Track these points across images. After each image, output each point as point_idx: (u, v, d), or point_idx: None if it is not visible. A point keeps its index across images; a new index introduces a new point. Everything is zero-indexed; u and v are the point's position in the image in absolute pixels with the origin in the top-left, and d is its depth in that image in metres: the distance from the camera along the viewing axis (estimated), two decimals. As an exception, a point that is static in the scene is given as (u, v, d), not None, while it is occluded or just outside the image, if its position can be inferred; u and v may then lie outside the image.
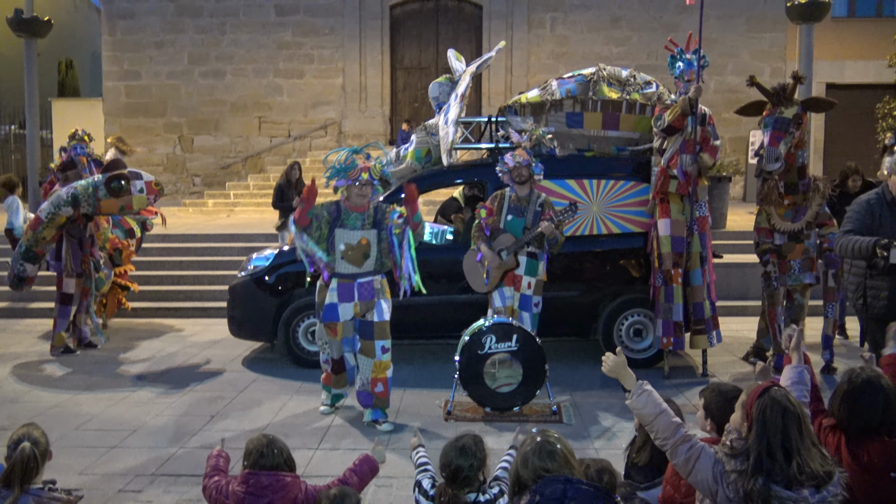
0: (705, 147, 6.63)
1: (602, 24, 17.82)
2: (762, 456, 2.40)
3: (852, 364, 7.08)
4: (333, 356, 5.72)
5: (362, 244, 5.45)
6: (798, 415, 2.43)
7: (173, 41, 18.05)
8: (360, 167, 5.36)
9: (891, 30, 14.08)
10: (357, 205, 5.47)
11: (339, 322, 5.55)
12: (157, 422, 5.71)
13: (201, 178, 18.31)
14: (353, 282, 5.48)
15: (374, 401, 5.60)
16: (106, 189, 7.24)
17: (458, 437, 3.03)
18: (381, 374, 5.57)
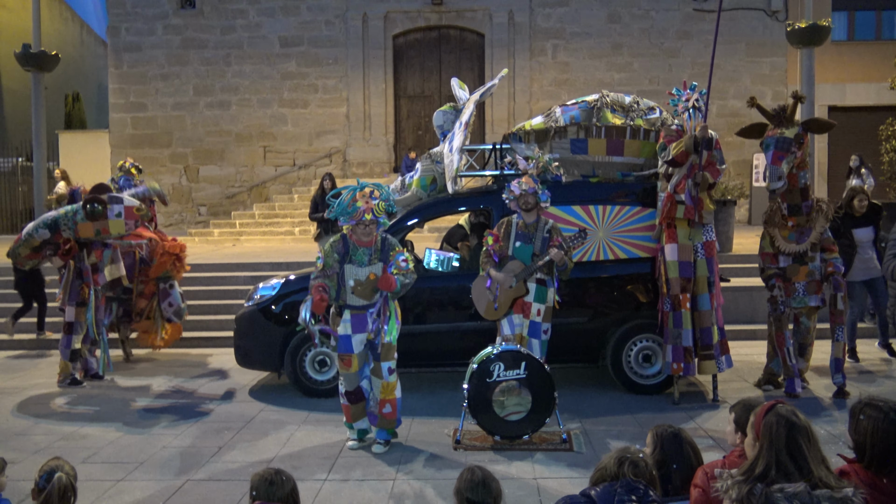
0: (708, 168, 6.64)
1: (603, 50, 17.97)
2: (770, 467, 2.39)
3: (865, 387, 7.05)
4: (349, 388, 5.68)
5: (370, 279, 5.48)
6: (805, 428, 2.43)
7: (179, 73, 18.25)
8: (362, 209, 5.34)
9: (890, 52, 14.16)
10: (362, 242, 5.50)
11: (353, 354, 5.55)
12: (164, 454, 5.66)
13: (207, 207, 18.40)
14: (365, 312, 5.52)
15: (380, 421, 5.65)
16: (83, 212, 7.28)
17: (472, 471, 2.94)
18: (390, 396, 5.60)
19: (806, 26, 11.43)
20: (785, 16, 17.31)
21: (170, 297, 7.97)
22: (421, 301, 7.18)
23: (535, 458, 5.41)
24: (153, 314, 8.28)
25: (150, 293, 8.19)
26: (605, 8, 17.88)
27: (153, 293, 8.23)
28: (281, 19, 18.12)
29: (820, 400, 6.74)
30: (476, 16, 18.15)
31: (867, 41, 18.79)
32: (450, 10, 18.06)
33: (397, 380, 5.66)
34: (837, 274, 6.74)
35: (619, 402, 6.82)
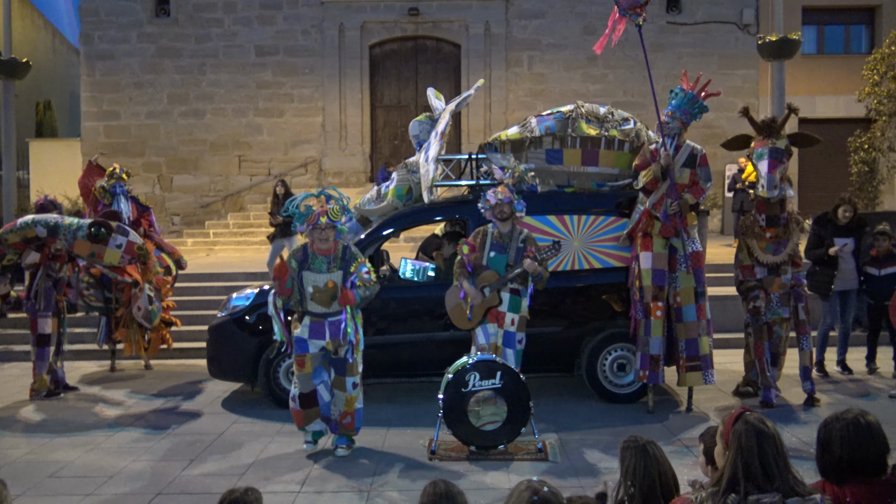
0: (691, 188, 6.71)
1: (578, 62, 18.11)
2: (738, 476, 2.39)
3: (834, 396, 7.13)
4: (303, 390, 5.69)
5: (329, 287, 5.56)
6: (774, 437, 2.44)
7: (153, 81, 18.09)
8: (316, 212, 5.45)
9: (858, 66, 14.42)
10: (321, 248, 5.55)
11: (307, 353, 5.62)
12: (135, 467, 5.57)
13: (180, 217, 18.22)
14: (323, 321, 5.60)
15: (340, 429, 5.77)
16: (87, 230, 7.18)
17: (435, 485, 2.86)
18: (352, 408, 5.73)
19: (777, 40, 11.63)
20: (756, 29, 17.58)
21: (138, 301, 7.84)
22: (396, 311, 7.16)
23: (511, 467, 5.40)
24: (131, 322, 8.18)
25: (128, 300, 8.08)
26: (580, 20, 18.03)
27: (129, 300, 8.12)
28: (257, 28, 18.05)
29: (792, 408, 6.81)
30: (452, 27, 18.22)
31: (836, 55, 19.15)
32: (426, 21, 18.10)
33: (360, 393, 5.76)
34: (799, 286, 6.86)
35: (595, 411, 6.84)
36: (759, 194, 6.71)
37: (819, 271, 7.79)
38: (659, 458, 2.92)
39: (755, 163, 6.73)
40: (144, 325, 8.07)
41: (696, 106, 6.58)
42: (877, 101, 13.13)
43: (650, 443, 2.97)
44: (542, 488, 2.32)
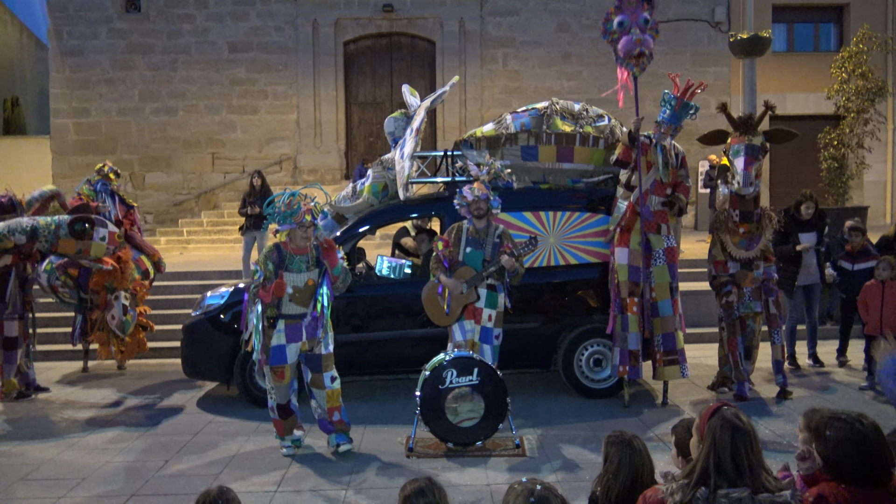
0: (680, 188, 6.82)
1: (553, 59, 18.17)
2: (709, 469, 2.41)
3: (806, 389, 7.24)
4: (280, 401, 5.64)
5: (309, 285, 5.52)
6: (748, 433, 2.45)
7: (123, 78, 17.83)
8: (303, 210, 5.41)
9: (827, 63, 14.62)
10: (300, 247, 5.50)
11: (286, 364, 5.53)
12: (108, 468, 5.49)
13: (153, 215, 17.98)
14: (300, 322, 5.52)
15: (336, 427, 5.69)
16: (69, 229, 7.07)
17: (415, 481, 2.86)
18: (336, 403, 5.65)
19: (748, 37, 11.73)
20: (728, 27, 17.76)
21: (112, 310, 7.73)
22: (373, 308, 7.14)
23: (489, 464, 5.41)
24: (105, 326, 8.03)
25: (104, 304, 7.94)
26: (554, 17, 18.09)
27: (105, 304, 7.97)
28: (229, 25, 17.87)
29: (765, 401, 6.90)
30: (427, 23, 18.18)
31: (806, 52, 19.41)
32: (401, 18, 18.04)
33: (340, 386, 5.70)
34: (770, 281, 6.96)
35: (571, 406, 6.87)
36: (735, 191, 6.79)
37: (783, 268, 7.91)
38: (643, 452, 2.96)
39: (732, 159, 6.81)
40: (117, 334, 7.91)
41: (689, 110, 6.66)
42: (845, 98, 13.32)
43: (635, 437, 3.01)
44: (536, 487, 2.33)
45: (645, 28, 6.49)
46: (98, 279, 7.76)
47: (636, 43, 6.41)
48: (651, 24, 6.54)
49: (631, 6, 6.53)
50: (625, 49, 6.50)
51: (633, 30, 6.45)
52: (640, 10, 6.50)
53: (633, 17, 6.49)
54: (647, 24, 6.50)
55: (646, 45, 6.45)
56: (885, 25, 18.17)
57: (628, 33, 6.47)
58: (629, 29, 6.47)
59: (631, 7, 6.53)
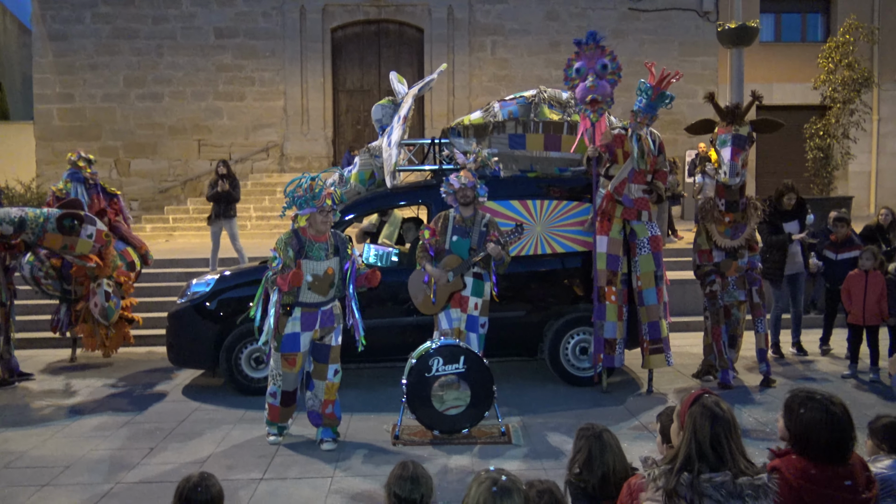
0: (658, 176, 6.83)
1: (541, 47, 18.14)
2: (691, 456, 2.46)
3: (789, 377, 7.31)
4: (287, 388, 5.58)
5: (328, 274, 5.43)
6: (728, 420, 2.50)
7: (108, 63, 17.64)
8: (325, 194, 5.30)
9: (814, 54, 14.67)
10: (320, 233, 5.39)
11: (299, 353, 5.47)
12: (92, 456, 5.47)
13: (139, 202, 17.85)
14: (317, 311, 5.45)
15: (324, 420, 5.62)
16: (57, 224, 7.01)
17: (403, 466, 2.90)
18: (333, 396, 5.60)
19: (736, 27, 11.74)
20: (716, 17, 17.78)
21: (95, 297, 7.65)
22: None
23: (474, 451, 5.43)
24: (90, 317, 7.92)
25: (87, 294, 7.83)
26: (543, 6, 18.04)
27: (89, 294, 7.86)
28: (216, 10, 17.69)
29: (749, 389, 6.95)
30: (415, 10, 18.08)
31: (793, 43, 19.48)
32: (389, 5, 17.94)
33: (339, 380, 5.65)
34: (754, 270, 7.00)
35: (557, 394, 6.90)
36: (722, 181, 6.82)
37: (769, 257, 7.96)
38: (613, 446, 3.00)
39: (718, 149, 6.84)
40: (101, 322, 7.82)
41: (665, 100, 6.66)
42: (831, 88, 13.38)
43: (605, 430, 3.05)
44: (501, 477, 2.33)
45: (603, 74, 6.62)
46: (79, 267, 7.67)
47: (590, 90, 6.58)
48: (611, 69, 6.66)
49: (589, 52, 6.69)
50: (580, 95, 6.69)
51: (589, 76, 6.61)
52: (600, 56, 6.66)
53: (590, 64, 6.66)
54: (605, 69, 6.63)
55: (600, 91, 6.59)
56: (871, 16, 18.25)
57: (585, 80, 6.63)
58: (586, 76, 6.64)
59: (589, 54, 6.69)
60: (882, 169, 19.43)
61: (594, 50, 6.68)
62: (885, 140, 19.49)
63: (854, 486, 2.68)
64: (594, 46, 6.67)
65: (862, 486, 2.71)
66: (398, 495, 2.76)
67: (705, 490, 2.41)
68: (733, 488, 2.41)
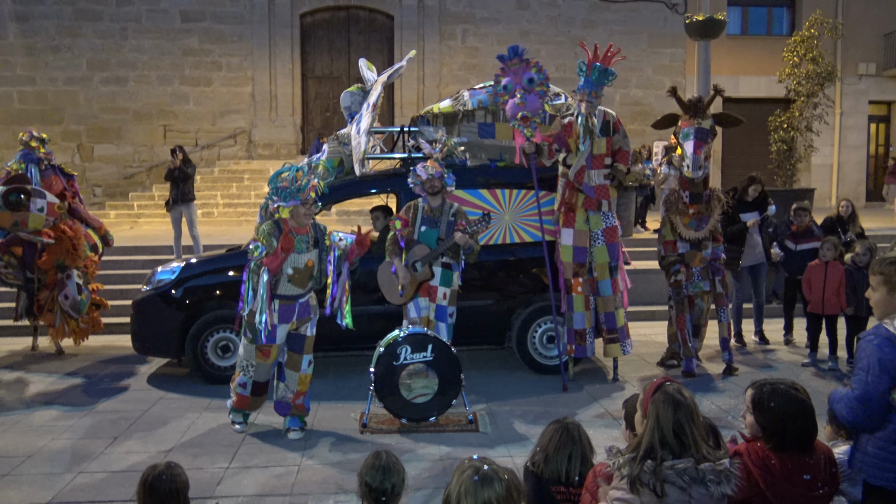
0: (618, 157, 6.78)
1: (512, 37, 18.11)
2: (654, 443, 2.50)
3: (751, 366, 7.45)
4: (259, 379, 5.53)
5: (308, 266, 5.38)
6: (690, 407, 2.54)
7: (70, 46, 17.26)
8: (310, 186, 5.23)
9: (780, 47, 14.88)
10: (302, 225, 5.33)
11: (275, 345, 5.43)
12: (54, 446, 5.39)
13: (102, 188, 17.55)
14: (294, 303, 5.40)
15: (292, 410, 5.60)
16: (3, 201, 6.84)
17: (377, 456, 2.91)
18: (305, 388, 5.59)
19: (703, 20, 11.86)
20: (684, 9, 17.93)
21: (66, 289, 7.47)
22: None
23: (442, 439, 5.45)
24: (55, 307, 7.74)
25: (52, 283, 7.65)
26: (513, -6, 18.06)
27: (55, 284, 7.69)
28: (182, -7, 17.41)
29: (712, 377, 7.08)
30: (386, -3, 17.97)
31: (759, 36, 19.75)
32: (359, -9, 17.81)
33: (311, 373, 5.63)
34: (717, 261, 7.11)
35: (524, 383, 6.96)
36: (685, 174, 6.89)
37: (727, 248, 8.09)
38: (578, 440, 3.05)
39: (681, 142, 6.90)
40: (71, 315, 7.64)
41: (608, 76, 6.58)
42: (796, 82, 13.59)
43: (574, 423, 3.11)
44: (483, 466, 2.36)
45: (531, 88, 6.54)
46: (48, 258, 7.49)
47: (519, 106, 6.51)
48: (539, 81, 6.57)
49: (514, 68, 6.61)
50: (511, 113, 6.63)
51: (517, 92, 6.54)
52: (526, 70, 6.57)
53: (516, 80, 6.59)
54: (531, 83, 6.54)
55: (529, 106, 6.52)
56: (835, 11, 18.56)
57: (514, 96, 6.57)
58: (514, 92, 6.57)
59: (514, 69, 6.62)
60: (843, 162, 19.83)
61: (519, 65, 6.58)
62: (846, 133, 19.89)
63: (812, 481, 2.72)
64: (518, 61, 6.57)
65: (822, 481, 2.74)
66: (369, 485, 2.78)
67: (668, 477, 2.45)
68: (696, 474, 2.45)
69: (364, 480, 2.79)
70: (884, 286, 3.05)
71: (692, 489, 2.45)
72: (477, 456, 2.46)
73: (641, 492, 2.46)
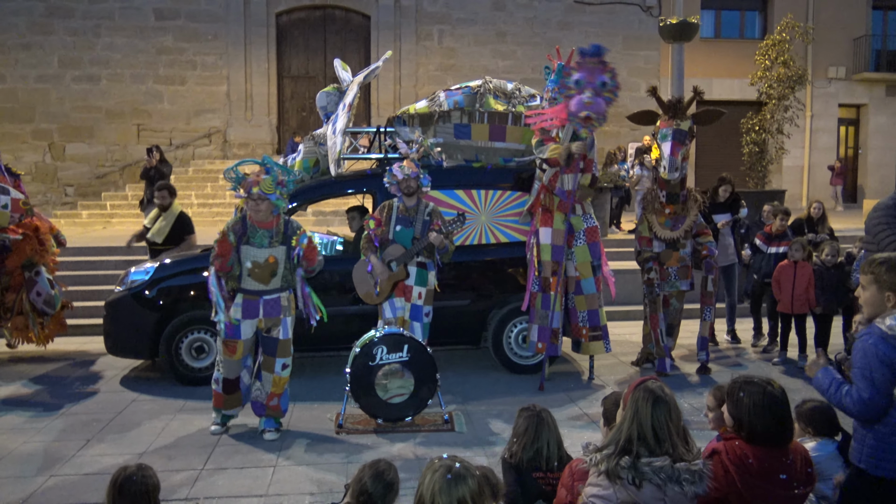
0: (588, 167, 6.78)
1: (488, 37, 18.21)
2: (632, 439, 2.54)
3: (724, 365, 7.54)
4: (228, 376, 5.52)
5: (269, 262, 5.34)
6: (669, 404, 2.58)
7: (42, 43, 17.03)
8: (250, 180, 5.23)
9: (752, 51, 15.10)
10: (259, 220, 5.32)
11: (239, 340, 5.40)
12: (26, 449, 5.32)
13: (74, 188, 17.34)
14: (258, 299, 5.38)
15: (267, 411, 5.58)
16: None
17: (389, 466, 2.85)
18: (279, 390, 5.55)
19: (677, 23, 12.00)
20: (659, 12, 18.13)
21: (37, 286, 7.35)
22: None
23: (418, 439, 5.47)
24: (24, 308, 7.58)
25: (18, 285, 7.49)
26: (490, -5, 18.12)
27: (21, 285, 7.55)
28: (156, -10, 17.24)
29: (686, 376, 7.16)
30: (362, -3, 17.94)
31: (732, 39, 20.01)
32: (335, -10, 17.76)
33: (288, 376, 5.59)
34: (711, 257, 7.16)
35: (500, 382, 6.99)
36: (661, 175, 6.97)
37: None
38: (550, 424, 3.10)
39: (659, 143, 6.97)
40: (46, 311, 7.47)
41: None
42: (767, 84, 13.80)
43: (544, 410, 3.15)
44: (455, 464, 2.37)
45: (601, 91, 6.29)
46: (16, 257, 7.35)
47: (586, 105, 6.24)
48: (610, 87, 6.33)
49: (590, 66, 6.32)
50: (575, 108, 6.32)
51: (587, 91, 6.27)
52: (601, 73, 6.30)
53: (590, 78, 6.29)
54: (604, 86, 6.30)
55: (595, 108, 6.25)
56: (806, 15, 18.86)
57: (582, 93, 6.30)
58: (583, 89, 6.30)
59: (590, 67, 6.32)
60: (814, 164, 20.15)
61: (596, 65, 6.33)
62: (816, 136, 20.21)
63: (788, 481, 2.75)
64: (597, 61, 6.33)
65: (798, 481, 2.77)
66: (369, 492, 2.72)
67: (645, 474, 2.49)
68: (671, 472, 2.49)
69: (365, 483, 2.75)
70: (874, 285, 3.07)
71: (667, 487, 2.48)
72: (447, 455, 2.47)
73: (618, 486, 2.50)
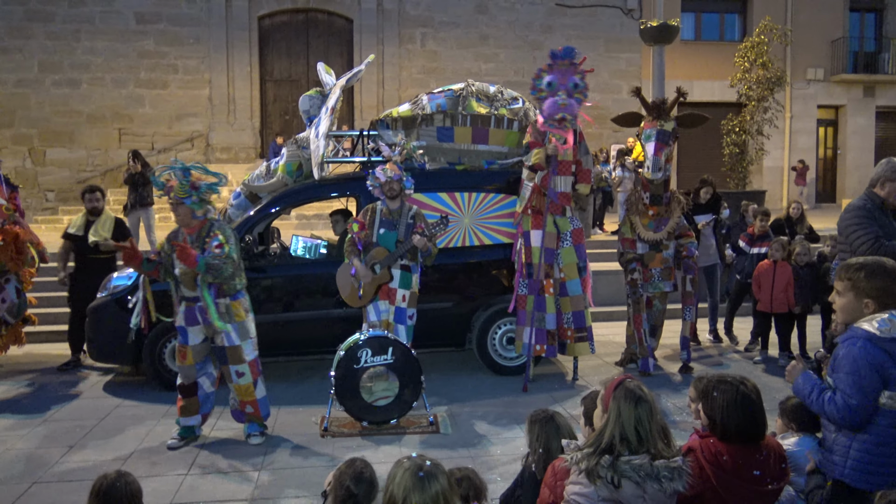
0: (580, 174, 6.85)
1: (471, 41, 18.27)
2: (613, 438, 2.57)
3: (706, 364, 7.62)
4: (183, 381, 5.51)
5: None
6: (649, 404, 2.61)
7: (21, 47, 16.89)
8: (166, 185, 5.23)
9: (731, 52, 15.26)
10: (182, 225, 5.34)
11: (188, 346, 5.40)
12: (8, 456, 5.28)
13: (55, 193, 17.20)
14: (194, 305, 5.35)
15: (247, 417, 5.59)
16: None
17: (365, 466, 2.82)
18: (249, 398, 5.49)
19: (657, 25, 12.09)
20: (639, 14, 18.27)
21: (3, 292, 7.24)
22: (288, 289, 7.08)
23: (403, 441, 5.48)
24: None
25: None
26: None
27: None
28: (137, -6, 17.16)
29: (668, 376, 7.22)
30: (345, 0, 17.93)
31: (712, 41, 20.20)
32: (317, -6, 17.75)
33: (253, 381, 5.47)
34: (690, 258, 7.23)
35: (485, 384, 7.02)
36: (644, 175, 7.03)
37: None
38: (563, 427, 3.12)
39: (643, 144, 7.03)
40: (7, 320, 7.29)
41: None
42: (747, 86, 13.96)
43: (556, 413, 3.18)
44: (425, 462, 2.37)
45: (573, 92, 6.48)
46: None
47: (560, 107, 6.42)
48: (580, 88, 6.52)
49: (562, 68, 6.52)
50: (549, 111, 6.51)
51: (561, 93, 6.45)
52: (571, 74, 6.50)
53: (562, 80, 6.50)
54: (576, 88, 6.49)
55: (569, 110, 6.43)
56: (785, 18, 19.07)
57: (555, 95, 6.47)
58: (556, 91, 6.48)
59: (562, 69, 6.52)
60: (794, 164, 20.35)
61: (568, 66, 6.52)
62: (796, 137, 20.44)
63: (762, 477, 2.78)
64: (568, 63, 6.51)
65: (772, 477, 2.80)
66: (354, 493, 2.69)
67: (624, 472, 2.52)
68: (650, 470, 2.52)
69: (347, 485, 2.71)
70: (850, 292, 2.99)
71: (646, 484, 2.51)
72: (416, 453, 2.48)
73: (598, 485, 2.53)
